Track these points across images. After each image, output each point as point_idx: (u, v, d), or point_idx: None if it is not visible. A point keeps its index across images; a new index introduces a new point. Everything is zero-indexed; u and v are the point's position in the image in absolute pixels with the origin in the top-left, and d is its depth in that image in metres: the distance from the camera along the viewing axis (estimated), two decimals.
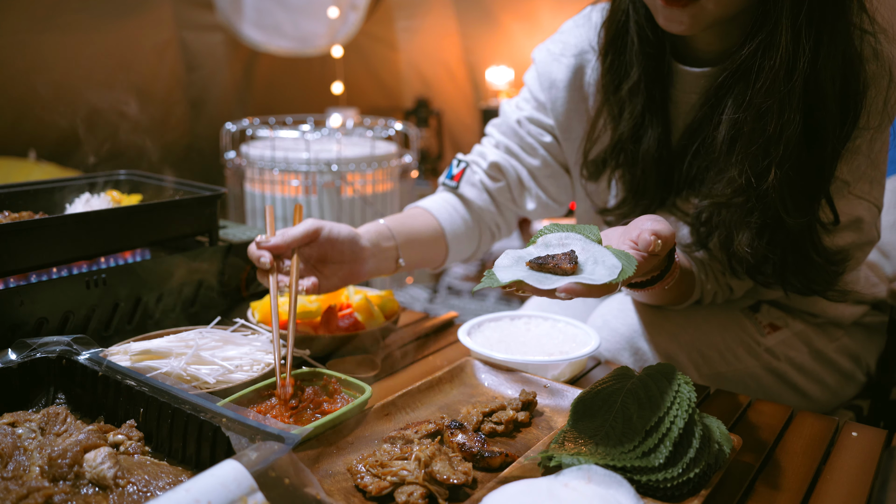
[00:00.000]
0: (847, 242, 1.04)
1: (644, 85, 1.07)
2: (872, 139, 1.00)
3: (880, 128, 0.99)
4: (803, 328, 1.18)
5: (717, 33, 1.02)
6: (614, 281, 0.72)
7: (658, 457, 0.70)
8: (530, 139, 1.27)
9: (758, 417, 0.94)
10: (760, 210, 0.96)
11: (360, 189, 2.51)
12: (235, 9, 3.60)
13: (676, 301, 1.10)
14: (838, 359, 1.20)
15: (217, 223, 1.20)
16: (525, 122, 1.27)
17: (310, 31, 3.77)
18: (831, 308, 1.18)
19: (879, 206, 1.06)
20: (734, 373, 1.14)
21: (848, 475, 0.80)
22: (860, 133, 0.98)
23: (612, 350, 1.13)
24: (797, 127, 0.92)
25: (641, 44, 1.06)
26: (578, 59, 1.19)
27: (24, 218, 1.06)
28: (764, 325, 1.17)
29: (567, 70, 1.20)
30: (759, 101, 0.93)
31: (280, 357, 0.92)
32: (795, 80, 0.91)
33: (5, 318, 0.94)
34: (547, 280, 0.74)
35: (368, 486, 0.72)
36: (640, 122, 1.09)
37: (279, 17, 3.71)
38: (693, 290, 1.08)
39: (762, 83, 0.93)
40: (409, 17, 4.46)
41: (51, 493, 0.64)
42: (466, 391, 0.97)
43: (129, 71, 3.53)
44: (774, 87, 0.92)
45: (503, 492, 0.66)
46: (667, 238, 0.79)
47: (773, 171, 0.93)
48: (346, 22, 3.79)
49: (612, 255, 0.76)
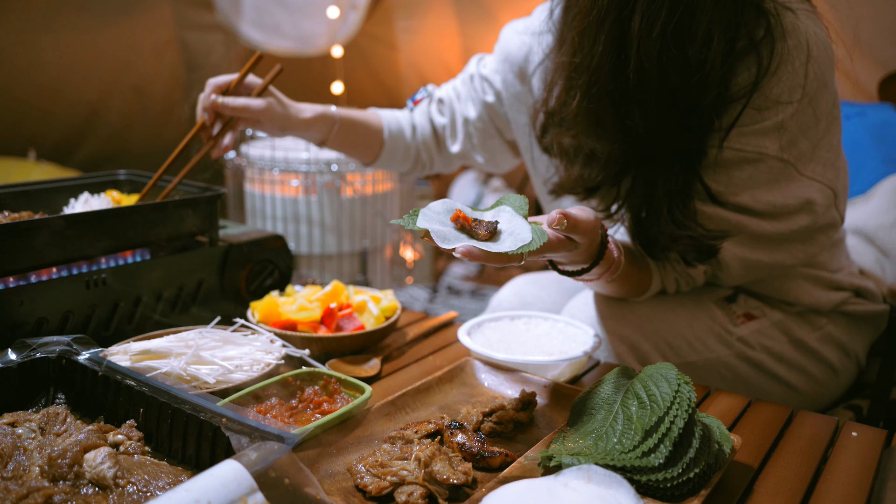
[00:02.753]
0: (801, 226, 1.07)
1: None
2: (798, 114, 1.02)
3: (802, 102, 1.01)
4: (782, 318, 1.19)
5: None
6: (512, 252, 0.76)
7: (658, 457, 0.70)
8: (475, 93, 1.40)
9: (758, 417, 0.94)
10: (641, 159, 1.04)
11: (360, 189, 2.51)
12: (235, 9, 3.60)
13: (634, 292, 1.12)
14: (822, 348, 1.20)
15: (217, 223, 1.20)
16: (477, 78, 1.41)
17: (310, 31, 3.77)
18: (805, 295, 1.18)
19: (834, 189, 1.08)
20: (704, 362, 1.15)
21: (848, 475, 0.80)
22: (780, 108, 1.01)
23: None
24: (654, 74, 0.96)
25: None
26: (532, 39, 1.29)
27: (24, 218, 1.06)
28: (738, 315, 1.18)
29: (521, 48, 1.31)
30: (632, 52, 0.97)
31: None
32: (658, 30, 0.94)
33: (5, 318, 0.94)
34: (452, 239, 0.78)
35: (368, 486, 0.72)
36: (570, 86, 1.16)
37: (279, 17, 3.70)
38: (650, 281, 1.11)
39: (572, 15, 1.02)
40: (409, 17, 4.46)
41: (51, 493, 0.64)
42: (466, 391, 0.97)
43: (129, 71, 3.53)
44: (643, 36, 0.96)
45: (503, 492, 0.66)
46: (576, 219, 0.83)
47: (577, 97, 1.03)
48: (346, 22, 3.79)
49: (529, 229, 0.79)
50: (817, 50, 1.00)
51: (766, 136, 1.02)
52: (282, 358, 0.98)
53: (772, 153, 1.03)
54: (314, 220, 2.51)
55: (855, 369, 1.25)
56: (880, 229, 1.49)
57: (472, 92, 1.40)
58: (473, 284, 3.96)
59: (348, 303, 1.13)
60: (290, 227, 2.52)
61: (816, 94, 1.02)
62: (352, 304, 1.13)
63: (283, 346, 1.02)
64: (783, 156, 1.03)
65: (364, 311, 1.13)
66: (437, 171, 1.51)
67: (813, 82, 1.01)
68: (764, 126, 1.01)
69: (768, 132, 1.02)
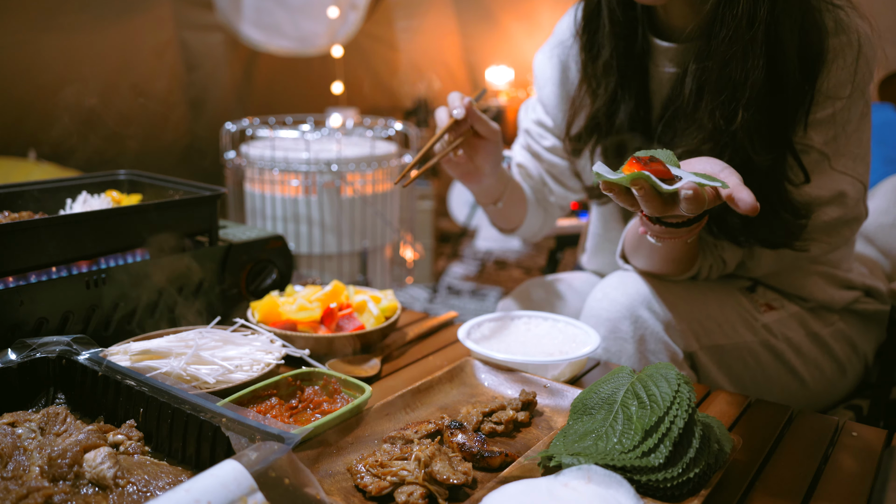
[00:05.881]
0: (832, 217, 1.09)
1: (616, 63, 1.16)
2: (845, 109, 1.06)
3: (851, 98, 1.05)
4: (798, 310, 1.20)
5: (688, 4, 1.09)
6: (721, 185, 0.77)
7: (658, 457, 0.70)
8: (536, 146, 1.38)
9: (758, 417, 0.94)
10: (731, 151, 1.03)
11: (360, 189, 2.51)
12: (235, 9, 3.60)
13: (680, 269, 1.13)
14: (834, 344, 1.21)
15: (217, 223, 1.20)
16: (532, 128, 1.38)
17: (310, 31, 3.77)
18: (819, 292, 1.20)
19: (864, 183, 1.11)
20: (733, 346, 1.16)
21: (848, 475, 0.80)
22: (830, 102, 1.05)
23: (612, 319, 1.13)
24: (760, 72, 1.00)
25: (612, 26, 1.15)
26: (563, 52, 1.29)
27: (24, 218, 1.06)
28: (761, 304, 1.19)
29: (555, 68, 1.30)
30: (723, 50, 1.01)
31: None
32: (757, 27, 0.98)
33: (5, 318, 0.94)
34: (664, 182, 0.78)
35: (368, 486, 0.72)
36: (614, 98, 1.18)
37: (279, 17, 3.70)
38: (695, 260, 1.12)
39: (725, 33, 1.00)
40: (409, 17, 4.46)
41: (51, 493, 0.64)
42: (466, 391, 0.97)
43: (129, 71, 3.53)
44: (738, 35, 0.99)
45: (503, 492, 0.66)
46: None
47: (740, 114, 1.01)
48: (346, 22, 3.79)
49: (693, 175, 0.80)
50: (867, 47, 1.04)
51: (814, 128, 1.06)
52: (282, 358, 0.99)
53: (816, 146, 1.06)
54: (314, 220, 2.51)
55: (862, 368, 1.25)
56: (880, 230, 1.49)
57: (533, 145, 1.38)
58: (473, 284, 3.96)
59: (348, 303, 1.13)
60: (290, 227, 2.52)
61: (863, 90, 1.05)
62: (352, 304, 1.13)
63: (283, 346, 1.02)
64: (824, 149, 1.07)
65: (364, 311, 1.13)
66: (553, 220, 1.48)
67: (862, 79, 1.04)
68: (815, 118, 1.05)
69: (816, 125, 1.05)
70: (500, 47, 4.37)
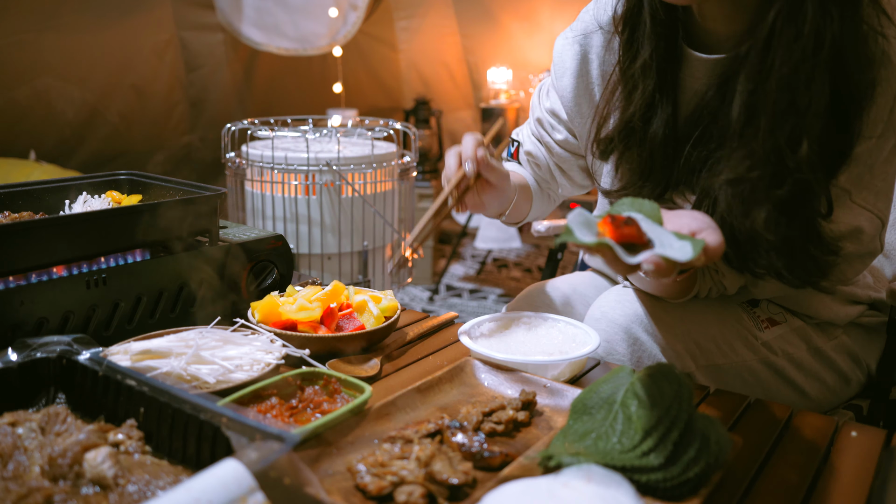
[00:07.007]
0: (845, 252, 1.03)
1: (656, 65, 1.08)
2: (876, 149, 0.99)
3: (884, 136, 0.98)
4: (801, 325, 1.18)
5: (723, 13, 1.03)
6: (690, 258, 0.74)
7: (658, 457, 0.70)
8: (548, 137, 1.34)
9: (758, 417, 0.94)
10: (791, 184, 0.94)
11: (360, 189, 2.51)
12: (235, 9, 3.60)
13: (679, 293, 1.11)
14: (837, 357, 1.19)
15: (217, 223, 1.20)
16: (545, 118, 1.33)
17: (310, 31, 3.77)
18: (825, 310, 1.17)
19: (884, 219, 1.05)
20: (731, 365, 1.14)
21: (848, 475, 0.81)
22: (862, 141, 0.97)
23: (609, 340, 1.13)
24: (826, 99, 0.90)
25: (654, 24, 1.07)
26: (585, 41, 1.22)
27: (24, 218, 1.06)
28: (762, 320, 1.17)
29: (574, 57, 1.23)
30: (785, 72, 0.91)
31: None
32: (824, 50, 0.88)
33: (5, 318, 0.94)
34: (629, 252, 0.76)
35: (368, 485, 0.72)
36: (651, 102, 1.10)
37: (279, 17, 3.71)
38: (692, 287, 1.09)
39: (788, 54, 0.90)
40: (409, 17, 4.47)
41: (51, 493, 0.64)
42: (466, 391, 0.97)
43: (129, 71, 3.53)
44: (803, 58, 0.89)
45: (503, 491, 0.66)
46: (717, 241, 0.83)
47: (805, 144, 0.91)
48: (346, 22, 3.79)
49: (673, 235, 0.78)
50: None
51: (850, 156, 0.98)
52: (282, 358, 0.99)
53: (840, 182, 1.00)
54: (314, 220, 2.51)
55: (864, 379, 1.24)
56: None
57: (544, 136, 1.34)
58: (473, 284, 3.96)
59: (348, 303, 1.13)
60: (290, 227, 2.52)
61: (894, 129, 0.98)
62: (352, 304, 1.13)
63: (283, 346, 1.02)
64: (846, 185, 1.00)
65: (364, 311, 1.13)
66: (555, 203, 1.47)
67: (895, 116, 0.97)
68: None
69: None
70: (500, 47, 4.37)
